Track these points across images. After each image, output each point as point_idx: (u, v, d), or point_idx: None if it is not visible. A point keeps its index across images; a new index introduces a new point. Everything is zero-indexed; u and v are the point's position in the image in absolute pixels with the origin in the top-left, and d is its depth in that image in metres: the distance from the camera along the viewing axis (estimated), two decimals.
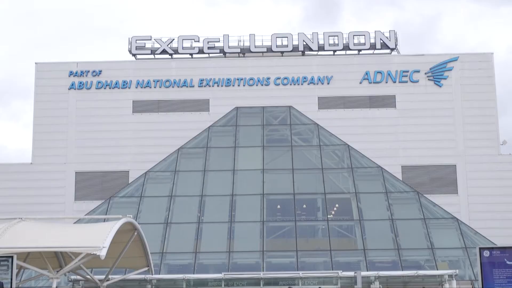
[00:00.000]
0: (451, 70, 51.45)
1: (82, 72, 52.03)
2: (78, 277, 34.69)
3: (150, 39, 52.91)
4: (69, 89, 51.88)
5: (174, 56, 52.77)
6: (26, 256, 28.62)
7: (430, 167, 50.24)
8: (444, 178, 50.08)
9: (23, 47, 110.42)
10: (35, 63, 52.92)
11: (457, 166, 50.18)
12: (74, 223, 41.35)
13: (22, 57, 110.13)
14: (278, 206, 46.81)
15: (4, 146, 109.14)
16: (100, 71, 52.03)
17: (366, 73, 51.54)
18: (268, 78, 51.72)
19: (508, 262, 21.83)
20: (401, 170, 49.75)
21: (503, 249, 22.50)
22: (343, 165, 48.76)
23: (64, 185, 50.34)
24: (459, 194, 49.69)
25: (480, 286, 22.23)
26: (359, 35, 52.53)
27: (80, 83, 51.85)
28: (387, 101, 51.35)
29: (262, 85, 51.62)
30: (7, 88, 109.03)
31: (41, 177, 50.00)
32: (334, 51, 52.64)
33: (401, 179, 48.39)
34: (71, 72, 52.10)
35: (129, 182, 48.97)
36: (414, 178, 49.22)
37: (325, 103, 51.29)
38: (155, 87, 51.71)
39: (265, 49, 52.48)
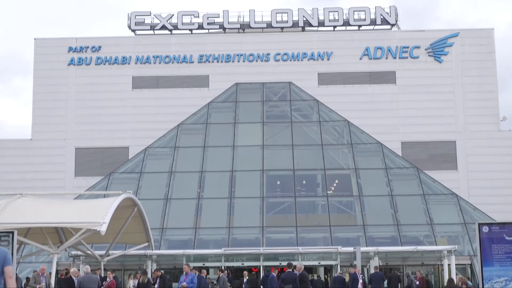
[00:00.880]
0: (451, 46, 51.31)
1: (81, 48, 51.88)
2: (79, 253, 34.84)
3: (150, 15, 52.71)
4: (68, 65, 51.76)
5: (174, 32, 52.58)
6: (27, 232, 28.74)
7: (429, 143, 50.26)
8: (444, 154, 50.12)
9: (23, 23, 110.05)
10: (34, 39, 52.75)
11: (457, 142, 50.20)
12: (74, 199, 41.48)
13: (23, 33, 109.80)
14: (278, 182, 46.90)
15: (5, 122, 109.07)
16: (100, 47, 51.89)
17: (366, 49, 51.39)
18: (268, 54, 51.58)
19: (507, 238, 21.90)
20: (401, 146, 49.77)
21: (502, 224, 22.57)
22: (342, 141, 48.79)
23: (64, 161, 50.37)
24: (458, 170, 49.76)
25: (479, 261, 22.35)
26: (359, 11, 52.32)
27: (80, 59, 51.73)
28: (387, 77, 51.25)
29: (262, 61, 51.49)
30: (7, 65, 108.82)
31: (41, 153, 50.03)
32: (334, 26, 52.46)
33: (400, 155, 48.44)
34: (70, 48, 51.96)
35: (129, 158, 49.01)
36: (413, 154, 49.25)
37: (325, 79, 51.20)
38: (154, 63, 51.59)
39: (265, 25, 52.29)
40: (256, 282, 33.47)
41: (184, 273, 23.48)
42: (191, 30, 52.55)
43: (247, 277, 34.84)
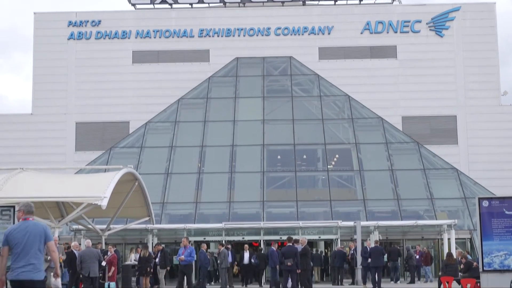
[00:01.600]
0: (452, 20, 51.07)
1: (81, 22, 51.66)
2: (80, 227, 34.96)
3: None
4: (68, 39, 51.57)
5: (174, 6, 52.31)
6: None
7: (430, 118, 50.21)
8: (445, 128, 50.09)
9: None
10: (34, 13, 52.52)
11: (457, 116, 50.14)
12: (75, 173, 41.55)
13: (23, 8, 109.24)
14: (279, 157, 46.93)
15: (6, 97, 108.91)
16: (100, 21, 51.67)
17: (367, 23, 51.16)
18: (269, 28, 51.36)
19: (507, 212, 21.96)
20: (401, 121, 49.73)
21: (502, 199, 22.63)
22: (343, 116, 48.74)
23: (64, 135, 50.38)
24: (459, 144, 49.77)
25: (479, 235, 22.42)
26: None
27: (79, 33, 51.53)
28: (388, 52, 51.08)
29: (262, 35, 51.28)
30: (8, 40, 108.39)
31: (42, 127, 50.01)
32: (335, 0, 52.21)
33: (401, 129, 48.41)
34: (70, 22, 51.74)
35: (130, 132, 49.00)
36: (414, 129, 49.22)
37: (325, 53, 51.02)
38: (154, 38, 51.40)
39: None
40: (264, 256, 33.56)
41: (182, 246, 23.55)
42: (191, 4, 52.26)
43: (248, 251, 34.94)
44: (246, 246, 35.45)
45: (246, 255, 34.30)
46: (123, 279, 27.59)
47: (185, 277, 26.08)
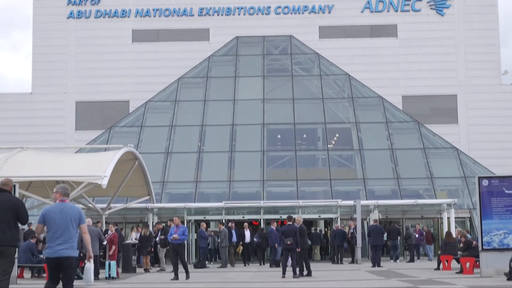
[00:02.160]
0: None
1: (80, 0, 51.44)
2: (80, 206, 35.03)
3: None
4: (67, 18, 51.41)
5: None
6: (28, 185, 28.87)
7: (430, 97, 50.17)
8: (445, 107, 50.06)
9: None
10: None
11: (458, 95, 50.10)
12: (75, 152, 41.56)
13: None
14: (279, 136, 46.92)
15: (6, 76, 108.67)
16: (99, 0, 51.46)
17: (368, 2, 50.96)
18: (269, 7, 51.16)
19: (506, 191, 22.02)
20: (402, 100, 49.69)
21: (501, 178, 22.68)
22: (343, 95, 48.68)
23: (64, 114, 50.36)
24: (459, 123, 49.76)
25: (478, 214, 22.48)
26: None
27: (79, 12, 51.35)
28: (389, 31, 50.92)
29: (262, 14, 51.11)
30: (8, 19, 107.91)
31: (41, 106, 49.97)
32: None
33: (401, 109, 48.36)
34: (69, 0, 51.53)
35: (130, 112, 48.97)
36: (414, 108, 49.18)
37: (326, 32, 50.86)
38: (154, 16, 51.22)
39: None
40: (266, 235, 33.60)
41: (174, 225, 23.51)
42: None
43: (249, 229, 34.97)
44: (246, 224, 35.50)
45: (247, 233, 34.30)
46: (123, 258, 27.68)
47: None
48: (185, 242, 23.66)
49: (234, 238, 33.18)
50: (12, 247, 11.16)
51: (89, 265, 11.00)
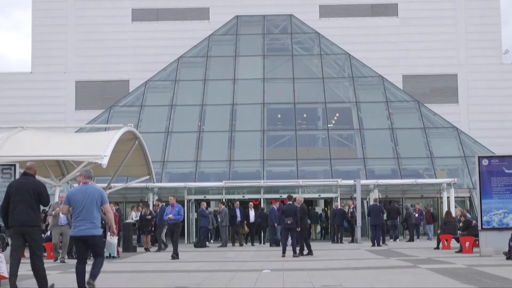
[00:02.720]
0: None
1: None
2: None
3: None
4: None
5: None
6: None
7: (431, 77, 50.09)
8: (445, 87, 50.01)
9: None
10: None
11: (458, 75, 50.02)
12: (75, 132, 41.55)
13: None
14: (279, 115, 46.88)
15: (6, 56, 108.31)
16: None
17: None
18: None
19: (506, 171, 22.04)
20: (402, 79, 49.62)
21: (501, 157, 22.70)
22: (344, 74, 48.58)
23: (64, 94, 50.31)
24: (459, 103, 49.72)
25: (478, 194, 22.51)
26: None
27: None
28: (389, 10, 50.72)
29: None
30: None
31: (41, 86, 49.90)
32: None
33: (401, 88, 48.29)
34: None
35: (129, 91, 48.91)
36: (415, 88, 49.13)
37: (326, 11, 50.66)
38: None
39: None
40: (265, 215, 33.62)
41: (170, 204, 23.52)
42: None
43: (254, 209, 34.78)
44: (251, 204, 35.15)
45: (252, 213, 33.84)
46: (124, 238, 27.77)
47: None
48: (180, 222, 23.60)
49: (239, 218, 32.98)
50: (36, 227, 11.81)
51: (113, 240, 11.81)
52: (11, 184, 12.22)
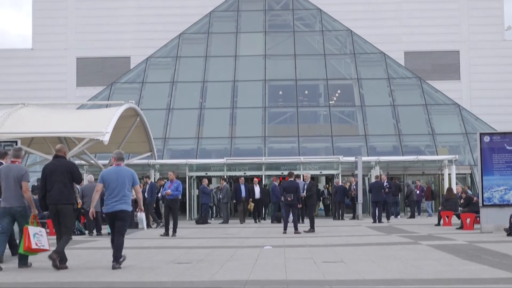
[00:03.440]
0: None
1: None
2: (82, 162, 35.10)
3: None
4: None
5: None
6: (30, 141, 28.91)
7: (433, 53, 49.94)
8: (447, 64, 49.87)
9: None
10: None
11: (460, 51, 49.86)
12: (77, 109, 41.54)
13: None
14: (280, 92, 46.81)
15: (7, 32, 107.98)
16: None
17: None
18: None
19: (508, 147, 22.03)
20: (404, 56, 49.49)
21: (503, 134, 22.68)
22: (345, 51, 48.42)
23: (65, 71, 50.24)
24: (461, 80, 49.61)
25: (479, 171, 22.53)
26: None
27: None
28: None
29: None
30: None
31: (42, 62, 49.82)
32: None
33: (403, 65, 48.16)
34: None
35: (131, 68, 48.81)
36: (416, 64, 48.99)
37: None
38: None
39: None
40: (268, 191, 33.53)
41: (169, 180, 23.46)
42: None
43: (259, 185, 34.50)
44: (256, 180, 34.65)
45: (257, 189, 33.02)
46: None
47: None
48: (178, 198, 23.55)
49: (243, 194, 32.35)
50: (69, 204, 12.66)
51: (141, 215, 14.25)
52: (45, 167, 12.96)
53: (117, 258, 12.52)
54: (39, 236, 12.54)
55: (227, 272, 11.82)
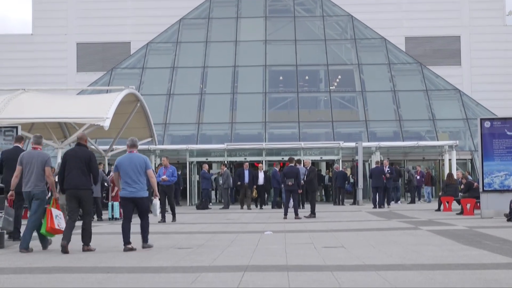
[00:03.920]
0: None
1: None
2: None
3: None
4: None
5: None
6: (31, 127, 28.91)
7: (434, 38, 49.83)
8: (448, 49, 49.78)
9: None
10: None
11: (461, 37, 49.76)
12: (77, 94, 41.52)
13: None
14: (281, 78, 46.76)
15: (8, 17, 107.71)
16: None
17: None
18: None
19: (508, 133, 22.02)
20: (405, 41, 49.39)
21: (504, 119, 22.66)
22: (346, 36, 48.32)
23: (65, 56, 50.17)
24: (462, 65, 49.54)
25: (480, 156, 22.54)
26: None
27: None
28: None
29: None
30: None
31: (42, 48, 49.75)
32: None
33: (404, 50, 48.06)
34: None
35: (131, 53, 48.73)
36: (417, 49, 48.89)
37: None
38: None
39: None
40: (268, 177, 33.44)
41: (163, 166, 23.39)
42: None
43: (263, 171, 34.28)
44: (260, 166, 34.26)
45: (261, 175, 32.66)
46: None
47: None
48: (174, 184, 23.49)
49: (246, 179, 31.87)
50: (87, 190, 13.27)
51: (156, 201, 13.88)
52: (66, 153, 13.64)
53: (145, 238, 13.44)
54: (59, 219, 13.24)
55: (228, 257, 11.85)
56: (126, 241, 13.14)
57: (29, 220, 13.26)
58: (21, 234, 13.89)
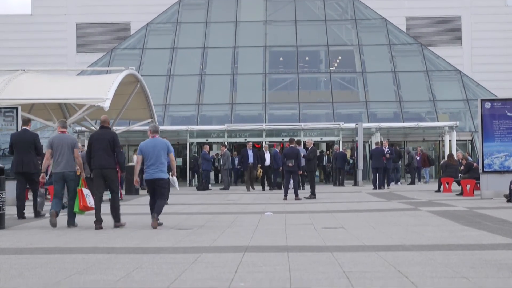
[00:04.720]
0: None
1: None
2: (83, 129, 35.15)
3: None
4: None
5: None
6: (31, 108, 28.85)
7: (434, 19, 49.68)
8: (449, 30, 49.64)
9: None
10: None
11: (462, 17, 49.60)
12: (77, 75, 41.44)
13: None
14: (281, 58, 46.65)
15: None
16: None
17: None
18: None
19: (508, 114, 22.02)
20: (405, 22, 49.22)
21: (504, 101, 22.65)
22: (346, 17, 48.13)
23: (65, 36, 50.03)
24: (463, 46, 49.42)
25: (480, 137, 22.54)
26: None
27: None
28: None
29: None
30: None
31: (42, 28, 49.60)
32: None
33: (405, 31, 47.91)
34: None
35: (131, 34, 48.58)
36: (418, 30, 48.75)
37: None
38: None
39: None
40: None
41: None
42: None
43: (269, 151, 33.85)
44: (266, 146, 33.53)
45: (267, 155, 31.70)
46: (126, 180, 27.90)
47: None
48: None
49: (251, 159, 31.14)
50: (112, 169, 14.13)
51: (174, 178, 16.01)
52: (91, 135, 14.68)
53: (158, 213, 13.90)
54: (89, 197, 14.10)
55: (228, 238, 11.88)
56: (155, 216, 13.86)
57: (70, 198, 14.24)
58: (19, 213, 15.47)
